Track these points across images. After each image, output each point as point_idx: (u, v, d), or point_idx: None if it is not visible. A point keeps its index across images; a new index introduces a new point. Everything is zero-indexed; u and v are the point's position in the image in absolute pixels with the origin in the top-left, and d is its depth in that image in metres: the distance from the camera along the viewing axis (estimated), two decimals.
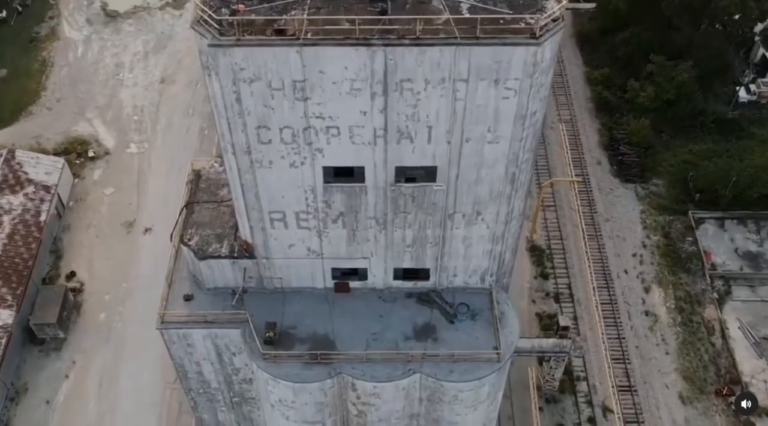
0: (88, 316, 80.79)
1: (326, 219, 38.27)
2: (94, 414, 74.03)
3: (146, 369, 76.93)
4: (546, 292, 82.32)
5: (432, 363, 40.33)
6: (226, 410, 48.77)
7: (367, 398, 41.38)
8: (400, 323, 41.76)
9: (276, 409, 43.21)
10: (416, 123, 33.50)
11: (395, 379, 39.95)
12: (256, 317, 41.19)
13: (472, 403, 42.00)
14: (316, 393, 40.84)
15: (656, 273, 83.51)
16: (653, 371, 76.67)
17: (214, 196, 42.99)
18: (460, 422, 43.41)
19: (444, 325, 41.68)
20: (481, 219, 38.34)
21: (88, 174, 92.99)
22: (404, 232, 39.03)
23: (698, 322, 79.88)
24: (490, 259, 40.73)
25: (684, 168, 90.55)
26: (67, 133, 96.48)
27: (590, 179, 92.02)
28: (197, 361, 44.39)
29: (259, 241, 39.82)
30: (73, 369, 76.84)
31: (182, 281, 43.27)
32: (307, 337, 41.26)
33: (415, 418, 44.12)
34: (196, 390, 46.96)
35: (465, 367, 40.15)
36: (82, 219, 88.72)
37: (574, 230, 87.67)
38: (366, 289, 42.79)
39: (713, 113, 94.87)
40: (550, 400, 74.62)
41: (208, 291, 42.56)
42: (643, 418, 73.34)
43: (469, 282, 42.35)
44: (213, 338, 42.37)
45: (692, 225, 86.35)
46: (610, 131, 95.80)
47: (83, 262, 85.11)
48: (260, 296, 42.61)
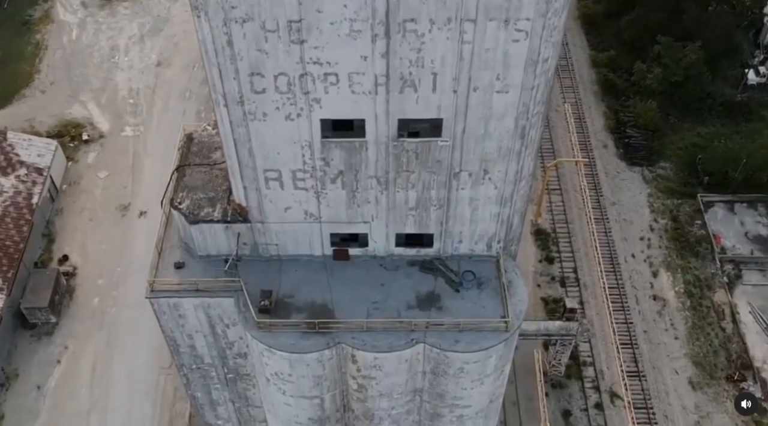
0: (81, 301, 78.80)
1: (324, 178, 36.10)
2: (87, 400, 72.04)
3: (140, 354, 75.00)
4: (551, 277, 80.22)
5: (436, 332, 38.14)
6: (220, 388, 46.57)
7: (368, 371, 39.19)
8: (403, 292, 39.55)
9: (272, 384, 41.03)
10: (420, 69, 31.33)
11: (397, 350, 37.74)
12: (251, 286, 39.02)
13: (479, 376, 39.80)
14: (314, 365, 38.65)
15: (664, 257, 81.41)
16: (662, 356, 74.57)
17: (206, 160, 40.86)
18: (465, 397, 41.21)
19: (449, 293, 39.48)
20: (488, 178, 36.17)
21: (82, 157, 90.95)
22: (407, 193, 36.85)
23: (708, 307, 77.75)
24: (497, 223, 38.56)
25: (692, 151, 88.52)
26: (60, 116, 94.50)
27: (596, 162, 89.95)
28: (189, 333, 42.22)
29: (254, 204, 37.66)
30: (65, 354, 74.87)
31: (173, 249, 41.12)
32: (305, 306, 39.06)
33: (419, 394, 41.94)
34: (188, 366, 44.78)
35: (471, 337, 37.95)
36: (76, 202, 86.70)
37: (580, 214, 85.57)
38: (366, 256, 40.59)
39: (722, 96, 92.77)
40: (556, 385, 72.51)
41: (201, 259, 40.38)
42: (651, 404, 71.21)
43: (475, 249, 40.16)
44: (205, 308, 40.19)
45: (701, 208, 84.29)
46: (616, 114, 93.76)
47: (76, 245, 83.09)
48: (255, 264, 40.42)
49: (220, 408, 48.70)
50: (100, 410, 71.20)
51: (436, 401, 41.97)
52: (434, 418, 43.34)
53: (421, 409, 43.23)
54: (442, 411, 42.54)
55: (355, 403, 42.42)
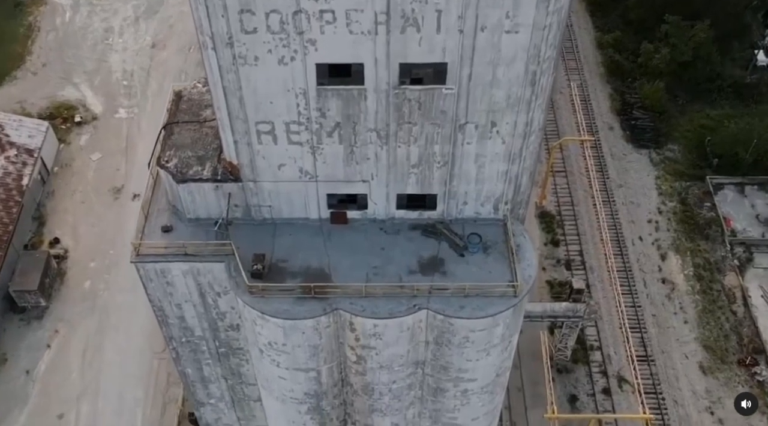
0: (72, 284, 76.62)
1: (320, 132, 33.73)
2: (77, 385, 69.85)
3: (133, 339, 72.83)
4: (557, 260, 77.89)
5: (440, 298, 35.74)
6: (212, 363, 44.20)
7: (367, 340, 36.81)
8: (404, 257, 37.16)
9: (265, 356, 38.67)
10: (423, 5, 28.94)
11: (398, 316, 35.36)
12: (243, 250, 36.64)
13: (485, 347, 37.42)
14: (310, 333, 36.26)
15: (673, 240, 79.12)
16: (671, 340, 72.26)
17: (196, 117, 38.52)
18: (470, 370, 38.84)
19: (453, 258, 37.10)
20: (496, 132, 33.80)
21: (74, 139, 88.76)
22: (409, 148, 34.48)
23: (718, 290, 75.43)
24: (505, 182, 36.19)
25: (701, 133, 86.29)
26: (52, 98, 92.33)
27: (602, 144, 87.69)
28: (178, 303, 39.85)
29: (245, 161, 35.30)
30: (55, 338, 72.69)
31: (161, 212, 38.76)
32: (300, 271, 36.69)
33: (421, 366, 39.56)
34: (178, 339, 42.41)
35: (477, 303, 35.57)
36: (68, 185, 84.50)
37: (585, 196, 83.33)
38: (365, 220, 38.20)
39: (731, 77, 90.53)
40: (562, 370, 70.21)
41: (190, 222, 38.01)
42: (661, 388, 68.94)
43: (481, 211, 37.81)
44: (195, 275, 37.81)
45: (710, 191, 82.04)
46: (623, 96, 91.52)
47: (68, 228, 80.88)
48: (247, 228, 38.05)
49: (212, 386, 46.33)
50: (90, 395, 69.06)
51: (440, 374, 39.59)
52: (437, 394, 40.98)
53: (423, 384, 40.86)
54: (446, 385, 40.16)
55: (354, 377, 40.06)
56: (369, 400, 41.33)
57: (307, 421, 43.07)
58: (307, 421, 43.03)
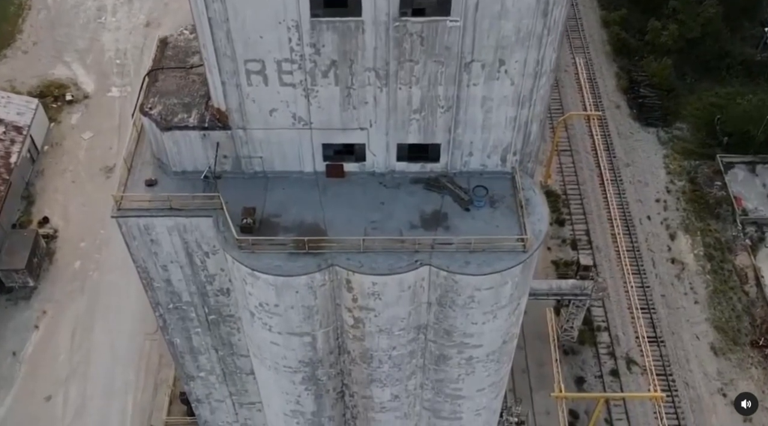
0: (62, 264, 74.26)
1: (315, 71, 31.18)
2: (66, 367, 67.48)
3: (124, 320, 70.55)
4: (562, 239, 75.43)
5: (444, 254, 33.18)
6: (201, 332, 41.66)
7: (365, 300, 34.26)
8: (405, 211, 34.60)
9: (256, 319, 36.12)
10: None
11: (399, 272, 32.79)
12: (232, 204, 34.09)
13: (491, 308, 34.87)
14: (304, 292, 33.71)
15: (682, 219, 76.66)
16: (681, 321, 69.80)
17: (182, 64, 35.97)
18: (476, 334, 36.29)
19: (457, 212, 34.55)
20: (504, 71, 31.25)
21: (65, 118, 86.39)
22: (410, 90, 31.92)
23: (730, 270, 72.96)
24: (513, 130, 33.66)
25: (710, 111, 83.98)
26: (43, 76, 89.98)
27: (608, 123, 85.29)
28: (164, 264, 37.30)
29: (234, 105, 32.74)
30: (43, 319, 70.36)
31: (145, 166, 36.24)
32: (293, 226, 34.13)
33: (423, 331, 36.99)
34: (164, 305, 39.86)
35: (484, 258, 33.00)
36: (58, 164, 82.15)
37: (591, 175, 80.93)
38: (364, 173, 35.64)
39: (741, 54, 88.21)
40: (569, 351, 67.77)
41: (175, 176, 35.46)
42: (671, 370, 66.46)
43: (488, 164, 35.27)
44: (181, 232, 35.28)
45: (720, 169, 79.66)
46: (629, 74, 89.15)
47: (58, 207, 78.49)
48: (237, 182, 35.51)
49: (202, 357, 43.78)
50: (79, 377, 66.70)
51: (443, 340, 37.01)
52: (440, 361, 38.42)
53: (425, 351, 38.31)
54: (449, 352, 37.60)
55: (352, 343, 37.50)
56: (367, 368, 38.77)
57: (302, 393, 40.52)
58: (302, 392, 40.48)
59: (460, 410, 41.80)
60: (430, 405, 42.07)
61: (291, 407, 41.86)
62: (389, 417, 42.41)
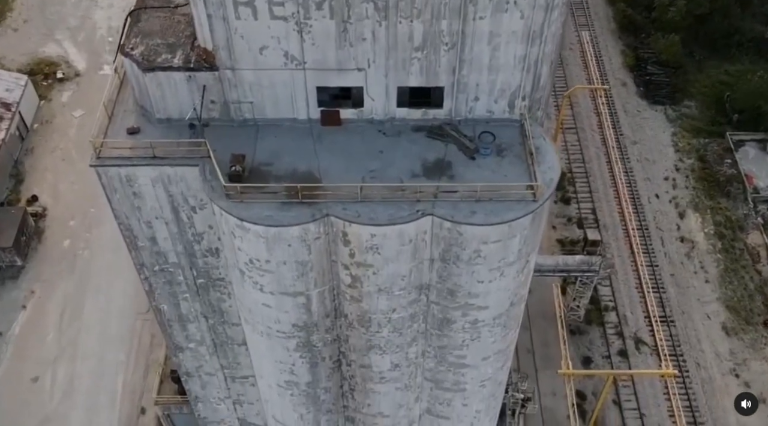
0: (51, 243, 71.98)
1: (308, 3, 28.78)
2: (54, 348, 65.25)
3: (115, 300, 68.37)
4: (568, 218, 73.07)
5: (448, 203, 30.74)
6: (190, 298, 39.22)
7: (363, 255, 31.83)
8: (406, 160, 32.19)
9: (246, 278, 33.67)
10: None
11: (400, 222, 30.37)
12: (220, 153, 31.67)
13: (499, 265, 32.44)
14: (297, 245, 31.27)
15: (692, 197, 74.31)
16: (692, 301, 67.40)
17: (167, 3, 33.54)
18: (482, 295, 33.86)
19: (462, 161, 32.13)
20: (513, 2, 28.85)
21: (56, 96, 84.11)
22: (411, 25, 29.50)
23: (741, 249, 70.56)
24: (522, 71, 31.25)
25: (719, 89, 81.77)
26: (34, 54, 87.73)
27: (615, 101, 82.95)
28: (148, 220, 34.87)
29: (221, 42, 30.32)
30: (31, 299, 68.15)
31: (126, 115, 33.78)
32: (285, 175, 31.71)
33: (425, 292, 34.54)
34: (150, 267, 37.41)
35: (491, 208, 30.59)
36: (48, 142, 79.85)
37: (598, 153, 78.59)
38: (362, 121, 33.25)
39: (751, 31, 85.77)
40: (575, 331, 65.40)
41: (159, 123, 33.03)
42: (681, 350, 64.07)
43: (495, 110, 32.88)
44: (165, 183, 32.86)
45: (731, 147, 77.29)
46: (635, 51, 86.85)
47: (47, 186, 76.23)
48: (226, 130, 33.08)
49: (191, 326, 41.34)
50: (67, 358, 64.45)
51: (446, 301, 34.55)
52: (443, 326, 35.97)
53: (427, 314, 35.86)
54: (453, 315, 35.15)
55: (349, 305, 35.05)
56: (366, 333, 36.32)
57: (296, 361, 38.07)
58: (296, 360, 38.03)
59: (463, 381, 39.36)
60: (432, 375, 39.64)
61: (285, 378, 39.42)
62: (389, 388, 39.97)
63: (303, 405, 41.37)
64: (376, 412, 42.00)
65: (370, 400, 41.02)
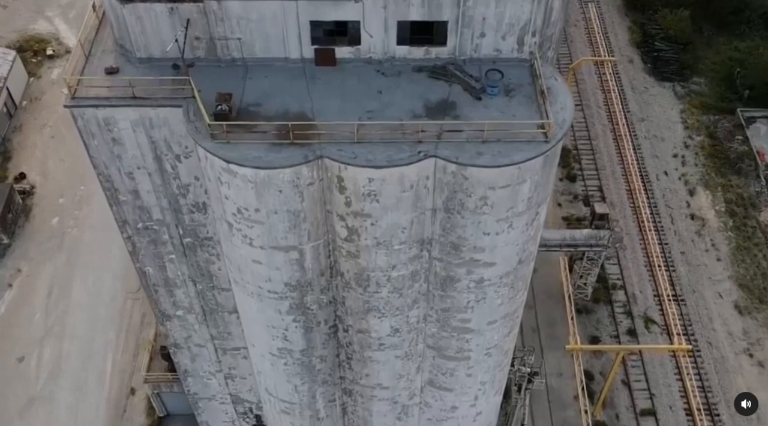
0: (38, 221, 69.60)
1: None
2: (41, 327, 62.86)
3: (104, 278, 65.99)
4: (574, 195, 70.65)
5: (453, 144, 28.31)
6: (176, 259, 36.78)
7: (360, 203, 29.38)
8: (407, 100, 29.78)
9: (235, 232, 31.22)
10: None
11: (400, 164, 27.94)
12: (206, 94, 29.27)
13: (507, 214, 30.01)
14: (288, 191, 28.82)
15: (702, 175, 71.87)
16: (703, 279, 64.92)
17: None
18: (488, 249, 31.41)
19: (467, 101, 29.72)
20: None
21: (46, 73, 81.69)
22: None
23: (753, 227, 68.14)
24: (532, 2, 28.87)
25: (729, 65, 79.33)
26: (23, 31, 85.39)
27: (622, 77, 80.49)
28: (129, 171, 32.44)
29: None
30: (17, 278, 65.75)
31: (105, 55, 31.40)
32: (276, 116, 29.28)
33: (427, 247, 32.09)
34: (133, 224, 34.97)
35: (499, 149, 28.18)
36: (37, 119, 77.45)
37: (604, 130, 76.18)
38: (359, 60, 30.84)
39: (761, 7, 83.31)
40: (582, 310, 62.90)
41: (140, 63, 30.62)
42: (692, 330, 61.56)
43: (503, 48, 30.48)
44: (147, 128, 30.44)
45: (742, 124, 74.87)
46: (642, 28, 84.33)
47: (36, 163, 73.79)
48: (212, 70, 30.66)
49: (179, 291, 38.89)
50: (54, 337, 62.04)
51: (450, 257, 32.08)
52: (446, 285, 33.51)
53: (429, 273, 33.40)
54: (457, 272, 32.69)
55: (345, 262, 32.59)
56: (364, 294, 33.86)
57: (290, 325, 35.61)
58: (290, 324, 35.58)
59: (468, 347, 36.89)
60: (435, 342, 37.17)
61: (278, 344, 36.96)
62: (388, 356, 37.50)
63: (297, 375, 38.92)
64: (375, 384, 39.55)
65: (369, 369, 38.57)
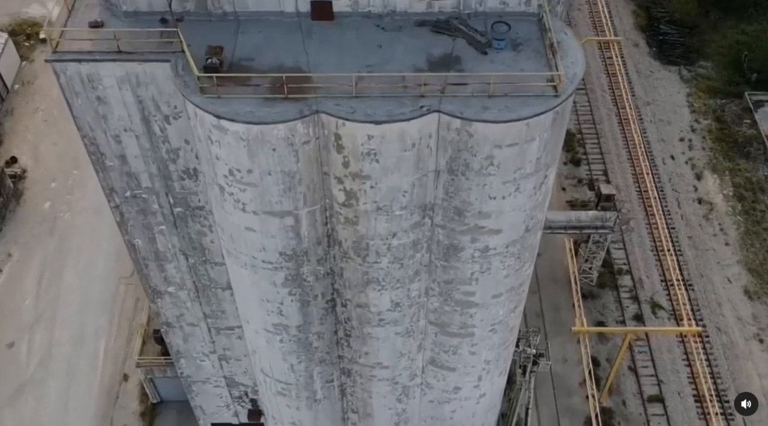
0: (30, 206, 68.02)
1: None
2: (31, 312, 61.24)
3: (96, 263, 64.37)
4: (578, 179, 69.09)
5: (457, 99, 26.67)
6: (167, 231, 35.12)
7: (359, 163, 27.74)
8: (408, 55, 28.15)
9: (227, 196, 29.57)
10: None
11: (401, 119, 26.30)
12: (196, 49, 27.64)
13: (514, 176, 28.36)
14: (283, 150, 27.17)
15: (709, 159, 70.27)
16: (711, 263, 63.31)
17: None
18: (494, 214, 29.77)
19: (472, 56, 28.10)
20: None
21: (38, 57, 79.95)
22: None
23: (762, 211, 66.58)
24: None
25: (736, 49, 77.78)
26: (16, 14, 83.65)
27: (627, 61, 78.91)
28: (116, 134, 30.77)
29: None
30: (8, 262, 64.19)
31: (89, 9, 29.77)
32: (270, 70, 27.64)
33: (429, 213, 30.45)
34: (120, 192, 33.32)
35: (506, 103, 26.55)
36: (29, 103, 75.87)
37: (609, 114, 74.65)
38: (357, 14, 29.22)
39: None
40: (587, 295, 61.30)
41: (126, 17, 28.99)
42: (701, 315, 59.90)
43: (509, 1, 28.89)
44: (133, 85, 28.77)
45: (750, 107, 73.29)
46: (648, 11, 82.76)
47: (27, 147, 72.22)
48: (202, 25, 29.03)
49: (170, 266, 37.23)
50: (46, 323, 60.48)
51: (453, 224, 30.43)
52: (450, 255, 31.87)
53: (432, 242, 31.75)
54: (461, 240, 31.04)
55: (343, 230, 30.94)
56: (363, 265, 32.21)
57: (285, 299, 33.97)
58: (285, 298, 33.93)
59: (471, 323, 35.24)
60: (437, 317, 35.52)
61: (273, 320, 35.31)
62: (388, 333, 35.85)
63: (293, 353, 37.27)
64: (375, 363, 37.91)
65: (368, 347, 36.93)
